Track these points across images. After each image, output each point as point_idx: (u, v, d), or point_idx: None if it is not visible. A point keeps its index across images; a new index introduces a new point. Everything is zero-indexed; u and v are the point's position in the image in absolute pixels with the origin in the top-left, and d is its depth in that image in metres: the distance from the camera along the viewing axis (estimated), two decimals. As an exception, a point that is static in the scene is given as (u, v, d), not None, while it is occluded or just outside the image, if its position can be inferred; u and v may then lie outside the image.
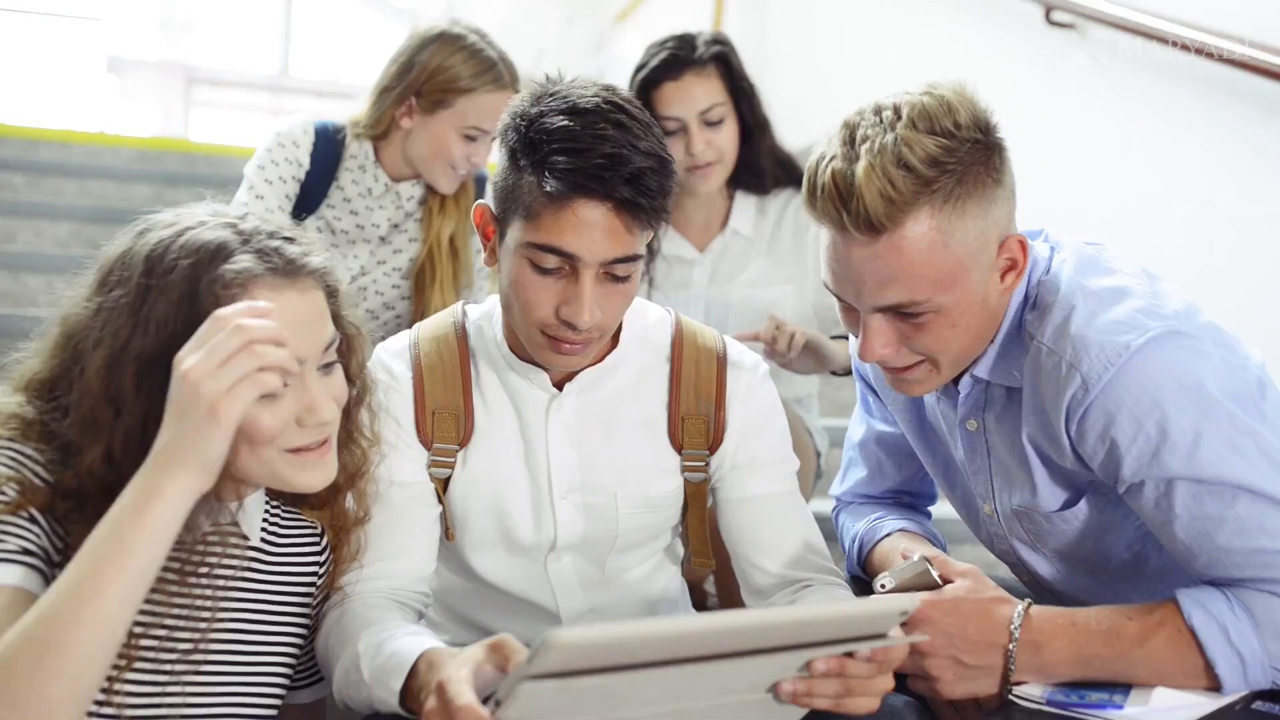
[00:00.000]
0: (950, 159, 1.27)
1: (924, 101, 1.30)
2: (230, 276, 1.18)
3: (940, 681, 1.32)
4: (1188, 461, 1.27)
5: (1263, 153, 2.87)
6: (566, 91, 1.38)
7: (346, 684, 1.33)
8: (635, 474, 1.55)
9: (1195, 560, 1.31)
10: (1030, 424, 1.40)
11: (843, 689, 1.13)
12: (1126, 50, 3.30)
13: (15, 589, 1.13)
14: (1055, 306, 1.36)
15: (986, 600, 1.32)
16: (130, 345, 1.16)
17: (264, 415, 1.18)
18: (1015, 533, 1.51)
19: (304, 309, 1.22)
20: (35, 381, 1.24)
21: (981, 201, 1.30)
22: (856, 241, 1.29)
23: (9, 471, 1.18)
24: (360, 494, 1.40)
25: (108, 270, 1.22)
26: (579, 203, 1.34)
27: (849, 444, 1.78)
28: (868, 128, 1.29)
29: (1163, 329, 1.29)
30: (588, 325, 1.39)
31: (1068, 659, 1.30)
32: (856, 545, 1.65)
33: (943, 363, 1.38)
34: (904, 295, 1.30)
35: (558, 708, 1.04)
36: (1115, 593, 1.44)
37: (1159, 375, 1.27)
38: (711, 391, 1.56)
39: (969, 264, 1.31)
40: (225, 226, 1.22)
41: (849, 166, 1.28)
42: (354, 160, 2.34)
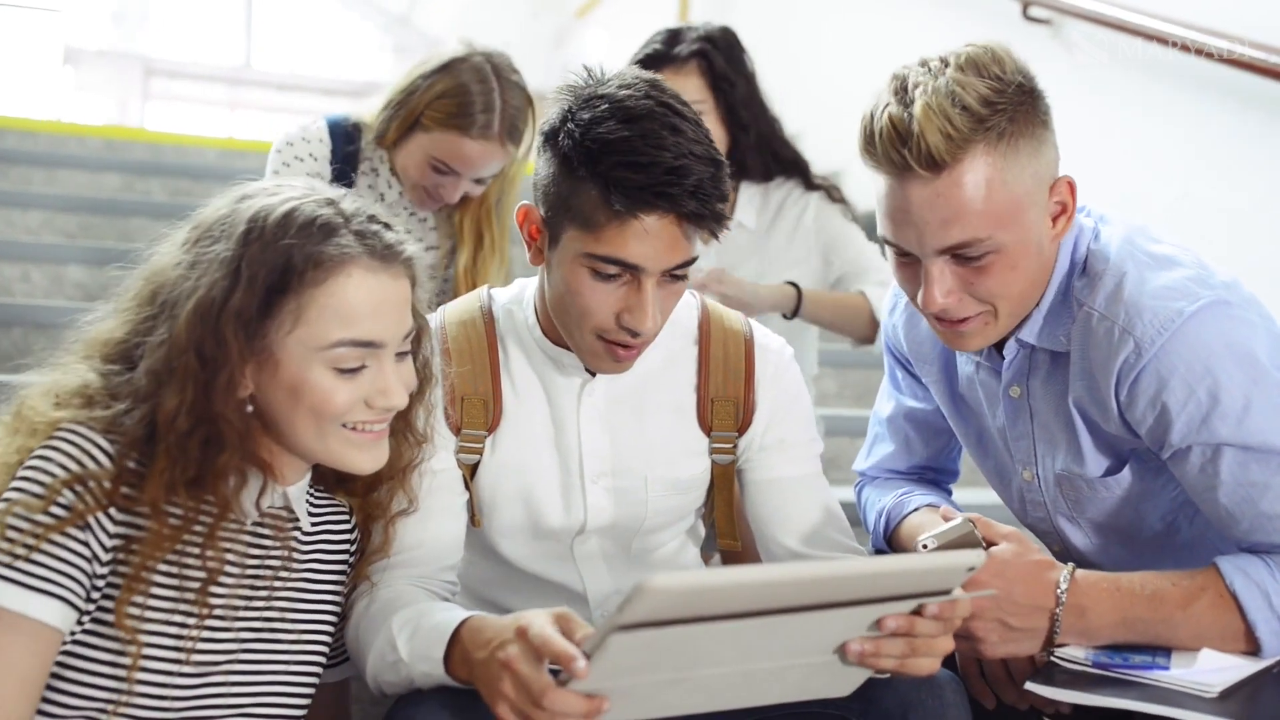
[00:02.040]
0: (1001, 100, 1.31)
1: (969, 51, 1.35)
2: (331, 254, 1.20)
3: (984, 643, 1.35)
4: (1237, 428, 1.31)
5: (1241, 144, 2.94)
6: (614, 93, 1.37)
7: (382, 667, 1.33)
8: (665, 457, 1.56)
9: (1237, 526, 1.35)
10: (1077, 389, 1.43)
11: (908, 649, 1.16)
12: (1104, 45, 3.37)
13: (52, 630, 1.15)
14: (1107, 274, 1.39)
15: (1033, 563, 1.35)
16: (226, 301, 1.17)
17: (339, 390, 1.20)
18: (1055, 500, 1.54)
19: (394, 294, 1.24)
20: (111, 341, 1.25)
21: (1032, 141, 1.34)
22: (918, 180, 1.32)
23: (70, 470, 1.18)
24: (407, 487, 1.41)
25: (205, 229, 1.23)
26: (644, 216, 1.34)
27: (875, 419, 1.80)
28: (918, 76, 1.34)
29: (1214, 297, 1.33)
30: (651, 331, 1.40)
31: (1112, 622, 1.34)
32: (883, 520, 1.67)
33: (1002, 310, 1.40)
34: (966, 233, 1.33)
35: (638, 664, 1.05)
36: (1146, 564, 1.47)
37: (1211, 342, 1.31)
38: (740, 374, 1.57)
39: (1025, 203, 1.35)
40: (327, 203, 1.24)
41: (905, 110, 1.32)
42: (369, 166, 2.31)
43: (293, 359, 1.20)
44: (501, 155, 2.18)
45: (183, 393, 1.17)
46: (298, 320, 1.19)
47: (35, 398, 1.24)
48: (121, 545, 1.19)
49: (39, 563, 1.14)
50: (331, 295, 1.20)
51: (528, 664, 1.10)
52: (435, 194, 2.23)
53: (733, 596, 1.01)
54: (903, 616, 1.14)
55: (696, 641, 1.05)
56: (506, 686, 1.12)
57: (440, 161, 2.18)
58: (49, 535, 1.14)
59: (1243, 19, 2.90)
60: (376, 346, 1.23)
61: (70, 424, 1.19)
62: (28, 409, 1.23)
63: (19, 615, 1.13)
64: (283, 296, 1.18)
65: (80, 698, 1.19)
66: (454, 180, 2.19)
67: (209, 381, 1.18)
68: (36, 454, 1.18)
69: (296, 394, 1.21)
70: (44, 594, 1.14)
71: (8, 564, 1.14)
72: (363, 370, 1.22)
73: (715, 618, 1.02)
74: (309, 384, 1.20)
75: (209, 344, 1.17)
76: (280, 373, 1.20)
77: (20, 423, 1.23)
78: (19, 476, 1.18)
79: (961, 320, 1.41)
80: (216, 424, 1.19)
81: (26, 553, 1.14)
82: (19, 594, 1.13)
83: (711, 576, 0.99)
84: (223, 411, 1.19)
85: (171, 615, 1.23)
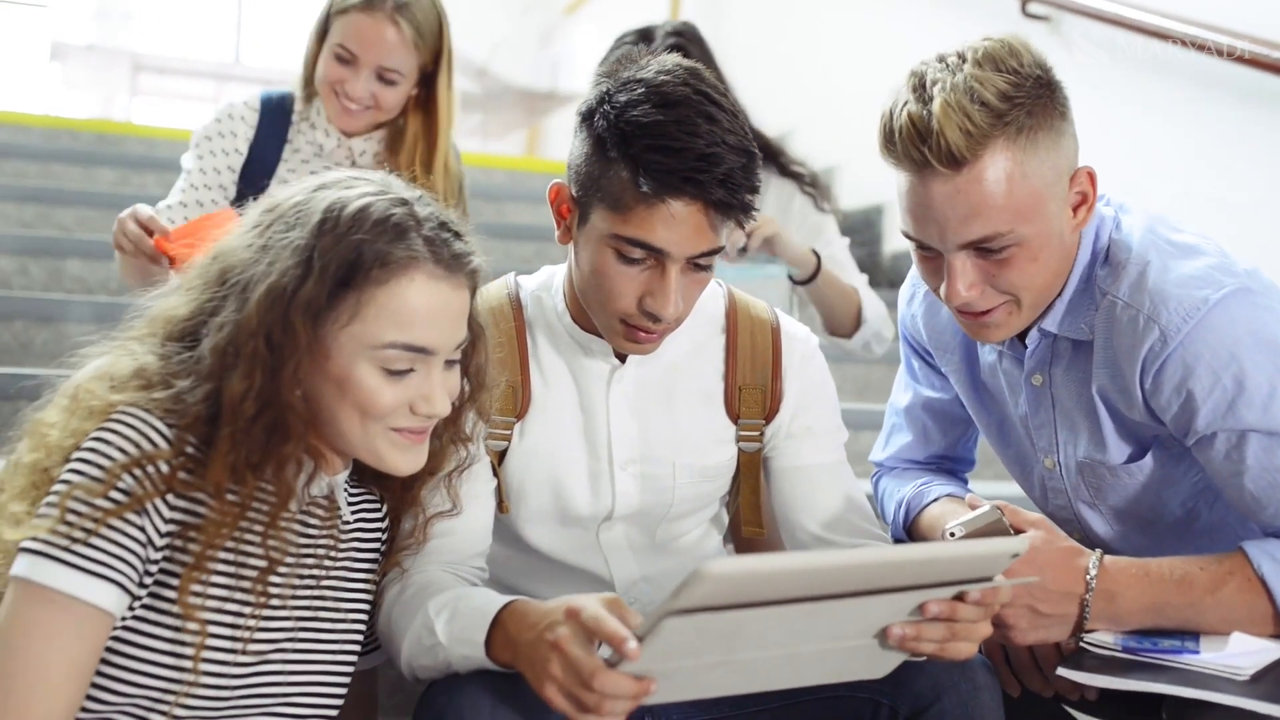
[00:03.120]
0: (1019, 94, 1.33)
1: (985, 45, 1.36)
2: (398, 255, 1.21)
3: (1014, 629, 1.36)
4: (1263, 414, 1.33)
5: (1241, 141, 2.97)
6: (652, 77, 1.39)
7: (418, 651, 1.33)
8: (693, 444, 1.57)
9: (1263, 511, 1.36)
10: (1101, 376, 1.45)
11: (948, 633, 1.17)
12: (1103, 41, 3.39)
13: (105, 614, 1.15)
14: (1130, 263, 1.41)
15: (1062, 550, 1.37)
16: (297, 290, 1.18)
17: (386, 392, 1.21)
18: (1077, 487, 1.56)
19: (454, 304, 1.25)
20: (175, 318, 1.25)
21: (1051, 134, 1.35)
22: (939, 177, 1.33)
23: (129, 454, 1.17)
24: (451, 490, 1.42)
25: (279, 214, 1.24)
26: (673, 201, 1.35)
27: (892, 410, 1.81)
28: (935, 73, 1.35)
29: (1237, 285, 1.35)
30: (672, 317, 1.41)
31: (1141, 607, 1.35)
32: (903, 510, 1.68)
33: (1024, 301, 1.41)
34: (988, 228, 1.34)
35: (688, 647, 1.07)
36: (1166, 549, 1.48)
37: (1236, 330, 1.33)
38: (768, 362, 1.59)
39: (1045, 195, 1.36)
40: (401, 203, 1.24)
41: (924, 108, 1.33)
42: (305, 121, 2.35)
43: (343, 352, 1.20)
44: (394, 35, 2.21)
45: (250, 377, 1.18)
46: (354, 316, 1.20)
47: (91, 380, 1.23)
48: (176, 531, 1.19)
49: (95, 546, 1.14)
50: (392, 296, 1.20)
51: (578, 645, 1.11)
52: (344, 96, 2.24)
53: (786, 582, 1.02)
54: (945, 602, 1.16)
55: (745, 625, 1.06)
56: (555, 668, 1.13)
57: (340, 47, 2.22)
58: (107, 520, 1.14)
59: (1242, 14, 2.93)
60: (427, 353, 1.23)
61: (127, 407, 1.19)
62: (84, 392, 1.23)
63: (72, 598, 1.13)
64: (346, 290, 1.19)
65: (135, 685, 1.19)
66: (354, 69, 2.22)
67: (276, 368, 1.18)
68: (94, 436, 1.18)
69: (342, 388, 1.21)
70: (99, 578, 1.14)
71: (65, 547, 1.14)
72: (410, 374, 1.23)
73: (766, 603, 1.03)
74: (355, 380, 1.21)
75: (277, 331, 1.18)
76: (329, 365, 1.21)
77: (76, 405, 1.22)
78: (76, 459, 1.17)
79: (985, 312, 1.42)
80: (282, 411, 1.19)
81: (85, 536, 1.14)
82: (74, 577, 1.13)
83: (767, 562, 1.01)
84: (289, 399, 1.19)
85: (226, 602, 1.23)
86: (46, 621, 1.13)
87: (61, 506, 1.15)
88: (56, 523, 1.14)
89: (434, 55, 2.28)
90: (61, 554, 1.14)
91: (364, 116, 2.27)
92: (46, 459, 1.22)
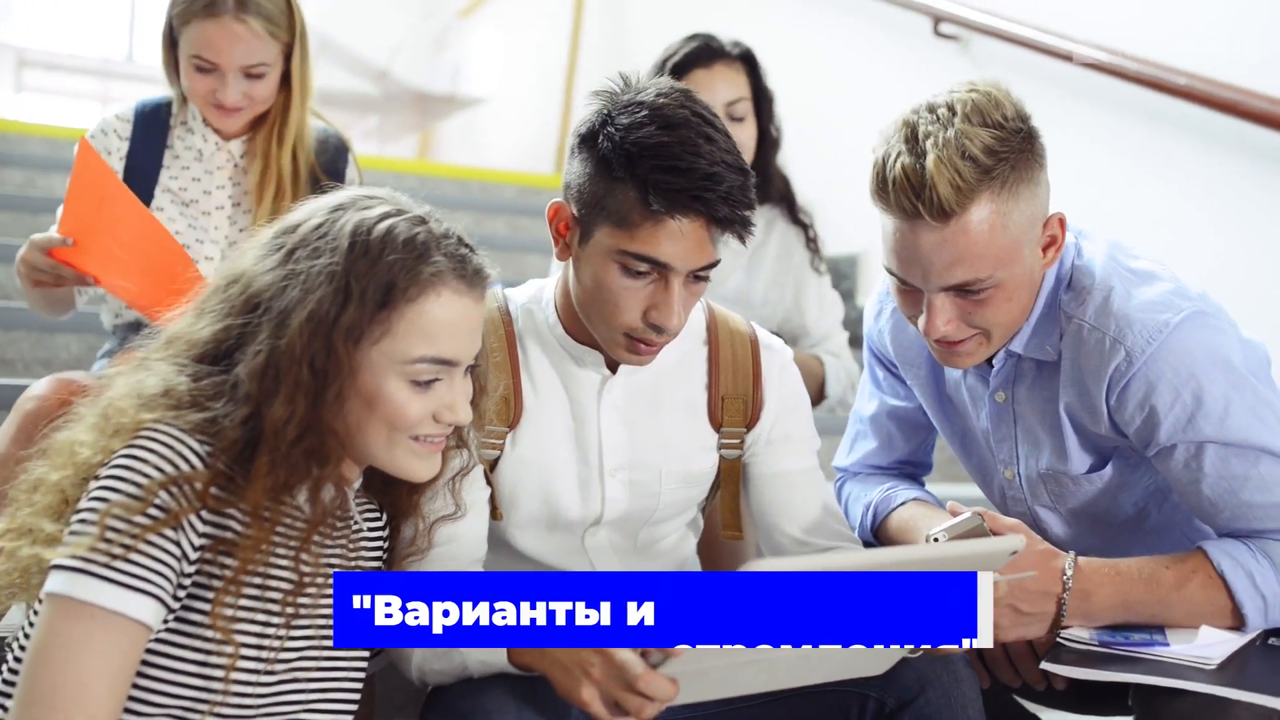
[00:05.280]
0: (1004, 148, 1.42)
1: (973, 98, 1.44)
2: (426, 273, 1.24)
3: (997, 627, 1.45)
4: (1219, 427, 1.45)
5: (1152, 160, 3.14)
6: (653, 100, 1.45)
7: (431, 655, 1.37)
8: (679, 451, 1.64)
9: (1219, 515, 1.49)
10: (1068, 394, 1.56)
11: None
12: (1010, 61, 3.54)
13: (144, 627, 1.17)
14: (1094, 289, 1.52)
15: (1040, 552, 1.47)
16: (339, 316, 1.21)
17: (414, 403, 1.25)
18: (1037, 494, 1.67)
19: (474, 316, 1.30)
20: (198, 341, 1.26)
21: (1030, 184, 1.45)
22: (928, 227, 1.42)
23: (165, 471, 1.19)
24: (457, 494, 1.45)
25: (300, 238, 1.26)
26: (678, 218, 1.42)
27: (857, 418, 1.90)
28: (928, 125, 1.43)
29: (1193, 309, 1.47)
30: (676, 329, 1.48)
31: (1113, 604, 1.46)
32: (870, 514, 1.77)
33: (995, 334, 1.52)
34: (970, 274, 1.44)
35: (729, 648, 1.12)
36: (1118, 547, 1.60)
37: (1195, 350, 1.45)
38: (748, 373, 1.66)
39: (1022, 241, 1.46)
40: (419, 221, 1.28)
41: (918, 161, 1.41)
42: (183, 125, 2.27)
43: (372, 368, 1.24)
44: (246, 33, 2.12)
45: (292, 403, 1.20)
46: (384, 333, 1.23)
47: (120, 398, 1.25)
48: (208, 545, 1.21)
49: (133, 560, 1.15)
50: (421, 313, 1.24)
51: (623, 649, 1.16)
52: (217, 103, 2.17)
53: None
54: None
55: None
56: (597, 671, 1.18)
57: (196, 58, 2.13)
58: (145, 535, 1.16)
59: (1143, 38, 3.10)
60: (452, 364, 1.27)
61: (157, 424, 1.20)
62: (113, 410, 1.24)
63: (112, 613, 1.14)
64: (380, 310, 1.22)
65: (167, 695, 1.21)
66: (219, 76, 2.14)
67: (319, 394, 1.21)
68: (125, 454, 1.19)
69: (371, 404, 1.24)
70: (138, 591, 1.15)
71: (105, 563, 1.15)
72: (435, 385, 1.27)
73: None
74: (384, 395, 1.24)
75: (321, 357, 1.21)
76: (357, 381, 1.24)
77: (105, 423, 1.23)
78: (110, 476, 1.18)
79: (958, 342, 1.52)
80: (323, 436, 1.22)
81: (124, 552, 1.15)
82: (114, 591, 1.15)
83: (807, 563, 1.07)
84: (331, 424, 1.22)
85: (254, 615, 1.25)
86: (87, 637, 1.14)
87: (101, 524, 1.15)
88: (96, 540, 1.15)
89: (290, 33, 2.20)
90: (101, 569, 1.15)
91: (241, 115, 2.21)
92: (75, 476, 1.23)
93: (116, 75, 7.53)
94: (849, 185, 3.94)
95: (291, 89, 2.24)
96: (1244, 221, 2.88)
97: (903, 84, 3.98)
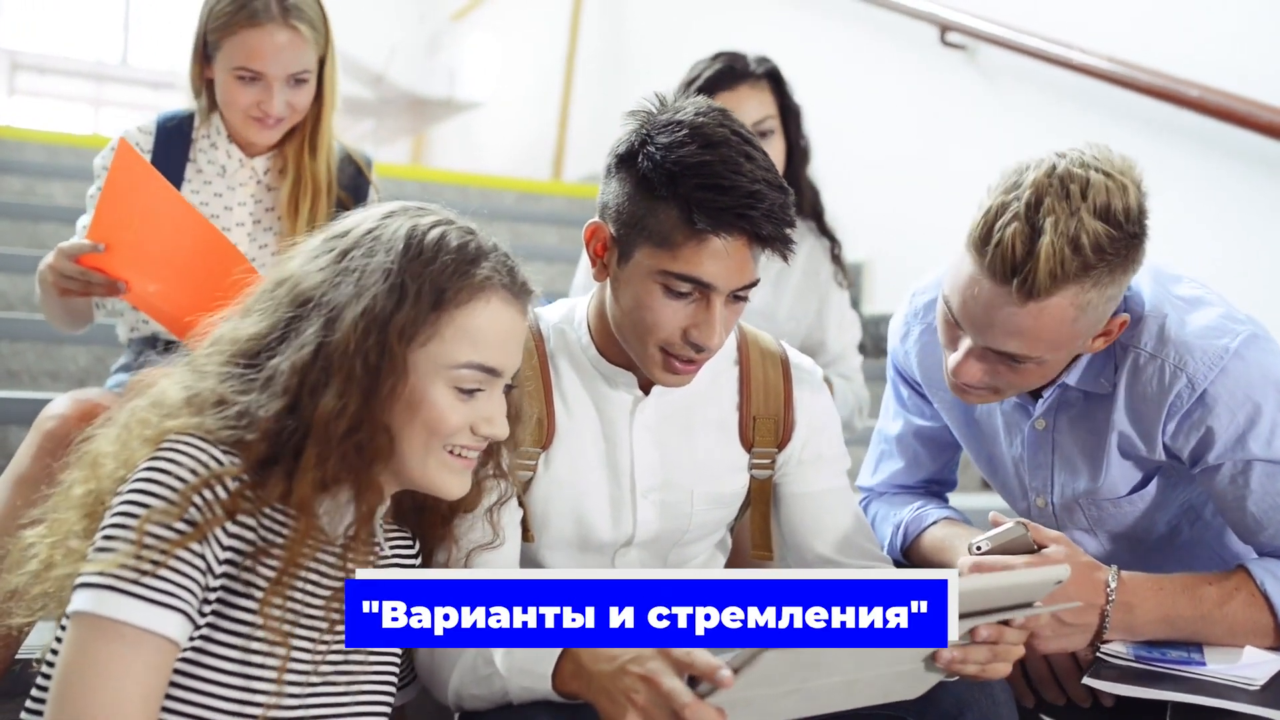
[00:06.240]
0: (1112, 249, 1.39)
1: (1106, 184, 1.39)
2: (479, 282, 1.25)
3: (1039, 638, 1.46)
4: (1266, 446, 1.47)
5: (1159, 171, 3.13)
6: (692, 119, 1.45)
7: (472, 680, 1.36)
8: (710, 472, 1.63)
9: (1262, 532, 1.50)
10: (1122, 423, 1.56)
11: (991, 655, 1.26)
12: (1017, 70, 3.56)
13: (173, 643, 1.15)
14: (1148, 317, 1.53)
15: (1082, 564, 1.47)
16: (394, 313, 1.21)
17: (456, 411, 1.25)
18: (1074, 518, 1.67)
19: (519, 328, 1.30)
20: (240, 338, 1.25)
21: (1117, 285, 1.44)
22: (1008, 298, 1.40)
23: (199, 474, 1.18)
24: (496, 524, 1.45)
25: (353, 240, 1.26)
26: (722, 237, 1.42)
27: (882, 437, 1.90)
28: (1054, 199, 1.38)
29: (1248, 332, 1.49)
30: (716, 347, 1.48)
31: (1155, 619, 1.47)
32: (901, 533, 1.77)
33: (1008, 394, 1.55)
34: (1023, 349, 1.44)
35: (778, 676, 1.12)
36: (1149, 565, 1.61)
37: (1252, 373, 1.47)
38: (780, 393, 1.65)
39: (1083, 335, 1.46)
40: (469, 231, 1.29)
41: (1032, 236, 1.38)
42: (205, 139, 2.26)
43: (418, 371, 1.23)
44: (291, 39, 2.11)
45: (345, 396, 1.19)
46: (433, 335, 1.23)
47: (143, 408, 1.24)
48: (233, 557, 1.20)
49: (161, 576, 1.14)
50: (471, 318, 1.24)
51: (670, 677, 1.16)
52: (261, 114, 2.15)
53: None
54: (993, 626, 1.24)
55: (825, 655, 1.12)
56: (643, 699, 1.17)
57: (241, 69, 2.11)
58: (174, 551, 1.14)
59: (1154, 49, 3.11)
60: (496, 375, 1.27)
61: (179, 433, 1.20)
62: (136, 421, 1.23)
63: (143, 630, 1.13)
64: (431, 313, 1.23)
65: (202, 708, 1.19)
66: (264, 86, 2.12)
67: (372, 390, 1.20)
68: (150, 465, 1.18)
69: (414, 408, 1.23)
70: (167, 608, 1.14)
71: (134, 579, 1.13)
72: (477, 395, 1.26)
73: None
74: (429, 399, 1.23)
75: (374, 353, 1.20)
76: (406, 383, 1.23)
77: (129, 435, 1.22)
78: (137, 488, 1.17)
79: (971, 385, 1.53)
80: (374, 432, 1.21)
81: (154, 568, 1.14)
82: (144, 609, 1.13)
83: None
84: (383, 419, 1.22)
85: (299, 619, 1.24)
86: (119, 656, 1.12)
87: (140, 534, 1.14)
88: (132, 554, 1.13)
89: (326, 40, 2.19)
90: (130, 586, 1.13)
91: (282, 127, 2.20)
92: (99, 488, 1.22)
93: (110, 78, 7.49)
94: (856, 193, 4.03)
95: (324, 98, 2.23)
96: (1256, 235, 2.90)
97: (909, 93, 4.00)
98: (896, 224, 3.96)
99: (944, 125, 3.83)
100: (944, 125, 3.83)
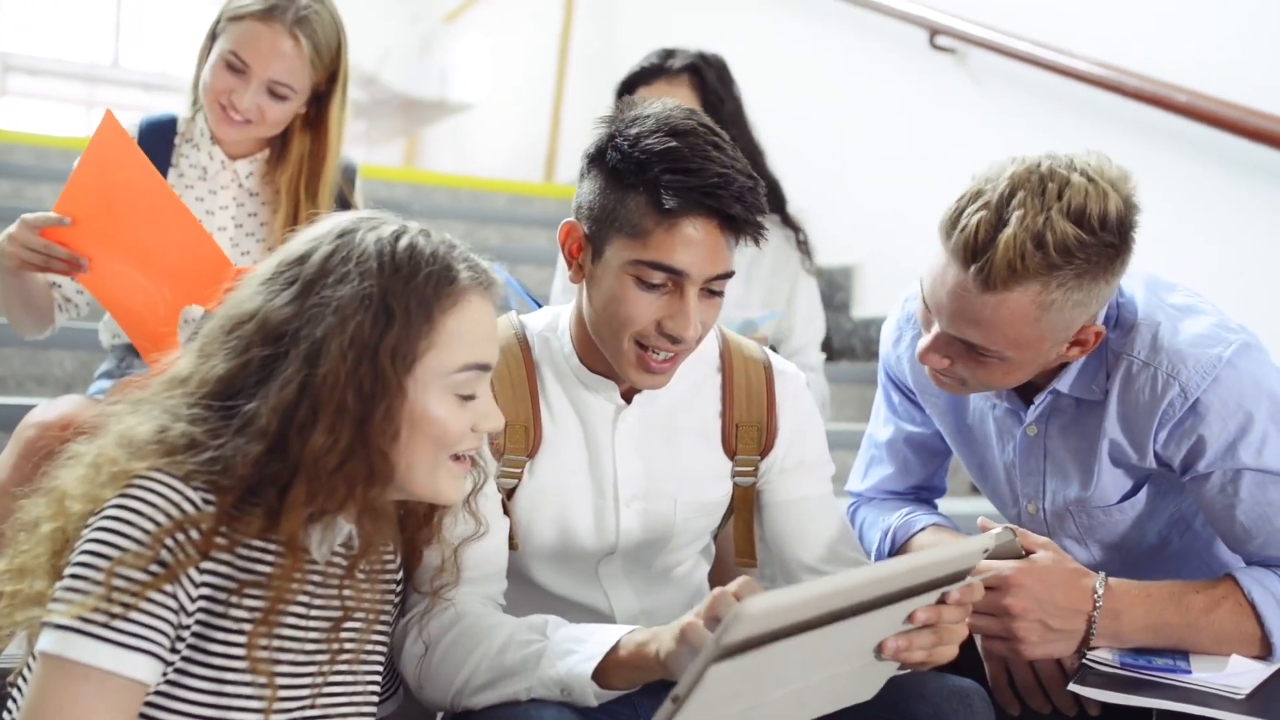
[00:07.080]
0: (1081, 254, 1.38)
1: (1087, 189, 1.38)
2: (460, 284, 1.24)
3: (1025, 643, 1.46)
4: (1256, 455, 1.46)
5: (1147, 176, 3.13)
6: (659, 112, 1.47)
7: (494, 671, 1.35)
8: (693, 480, 1.63)
9: (1251, 541, 1.49)
10: (1114, 430, 1.56)
11: (935, 638, 1.25)
12: (1006, 74, 3.56)
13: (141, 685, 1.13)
14: (1141, 325, 1.52)
15: (1071, 570, 1.47)
16: (383, 336, 1.19)
17: (459, 417, 1.24)
18: (1065, 526, 1.67)
19: (495, 321, 1.30)
20: (210, 379, 1.22)
21: (1088, 294, 1.42)
22: (968, 285, 1.41)
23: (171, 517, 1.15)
24: (475, 512, 1.43)
25: (318, 270, 1.22)
26: (691, 220, 1.42)
27: (872, 443, 1.90)
28: (1029, 194, 1.38)
29: (1241, 341, 1.48)
30: (693, 339, 1.47)
31: (1142, 626, 1.47)
32: (889, 538, 1.77)
33: (974, 388, 1.54)
34: (983, 341, 1.44)
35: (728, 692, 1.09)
36: (1138, 575, 1.60)
37: (1244, 382, 1.47)
38: (763, 400, 1.65)
39: (1048, 337, 1.45)
40: (426, 234, 1.27)
41: (996, 226, 1.38)
42: (188, 143, 2.25)
43: (418, 387, 1.21)
44: (290, 49, 2.10)
45: (334, 431, 1.17)
46: (429, 346, 1.21)
47: (110, 446, 1.20)
48: (209, 593, 1.18)
49: (131, 619, 1.12)
50: (461, 321, 1.23)
51: None
52: (229, 103, 2.12)
53: (812, 606, 1.08)
54: (931, 608, 1.24)
55: (771, 663, 1.10)
56: None
57: (233, 55, 2.10)
58: (145, 593, 1.12)
59: (1142, 54, 3.11)
60: (488, 369, 1.27)
61: (149, 473, 1.16)
62: (104, 459, 1.19)
63: (110, 674, 1.11)
64: (423, 325, 1.21)
65: None
66: (243, 80, 2.10)
67: (365, 417, 1.18)
68: (118, 505, 1.15)
69: (417, 424, 1.22)
70: (135, 650, 1.12)
71: (103, 623, 1.11)
72: (473, 397, 1.26)
73: (791, 632, 1.08)
74: (430, 413, 1.22)
75: (367, 381, 1.18)
76: (404, 404, 1.21)
77: (96, 473, 1.19)
78: (104, 529, 1.14)
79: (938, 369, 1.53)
80: (370, 459, 1.19)
81: (124, 611, 1.11)
82: (111, 652, 1.11)
83: (795, 592, 1.06)
84: (379, 444, 1.19)
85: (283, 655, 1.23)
86: (85, 699, 1.10)
87: (108, 578, 1.11)
88: (101, 597, 1.10)
89: (329, 75, 2.18)
90: (99, 630, 1.11)
91: (245, 129, 2.15)
92: (65, 526, 1.19)
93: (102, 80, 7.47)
94: (846, 196, 4.04)
95: (328, 136, 2.21)
96: (1245, 240, 2.90)
97: (899, 96, 4.00)
98: (886, 227, 3.96)
99: (933, 129, 3.83)
100: (933, 129, 3.83)
